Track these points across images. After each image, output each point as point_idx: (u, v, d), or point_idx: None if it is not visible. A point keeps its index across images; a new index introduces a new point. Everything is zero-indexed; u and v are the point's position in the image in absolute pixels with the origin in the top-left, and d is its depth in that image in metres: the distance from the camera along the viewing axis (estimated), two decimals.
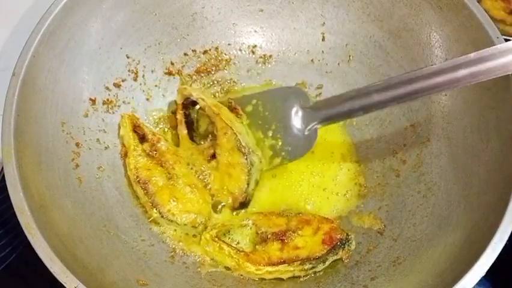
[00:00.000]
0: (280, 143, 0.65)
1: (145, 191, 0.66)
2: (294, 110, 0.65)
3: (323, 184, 0.72)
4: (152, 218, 0.65)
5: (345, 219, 0.69)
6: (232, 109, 0.71)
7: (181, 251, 0.66)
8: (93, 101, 0.68)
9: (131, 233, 0.64)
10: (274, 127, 0.66)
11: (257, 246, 0.64)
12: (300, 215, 0.67)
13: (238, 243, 0.65)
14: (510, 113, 0.59)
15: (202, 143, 0.71)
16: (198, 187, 0.68)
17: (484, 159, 0.61)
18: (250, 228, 0.66)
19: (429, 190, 0.66)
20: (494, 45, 0.60)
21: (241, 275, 0.64)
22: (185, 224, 0.66)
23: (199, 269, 0.64)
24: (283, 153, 0.65)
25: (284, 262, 0.62)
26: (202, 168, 0.69)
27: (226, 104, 0.72)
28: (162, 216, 0.65)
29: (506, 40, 0.61)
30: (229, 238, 0.65)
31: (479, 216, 0.57)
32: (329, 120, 0.64)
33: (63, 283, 0.49)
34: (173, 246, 0.66)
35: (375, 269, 0.62)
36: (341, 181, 0.72)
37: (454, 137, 0.66)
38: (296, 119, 0.65)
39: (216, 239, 0.64)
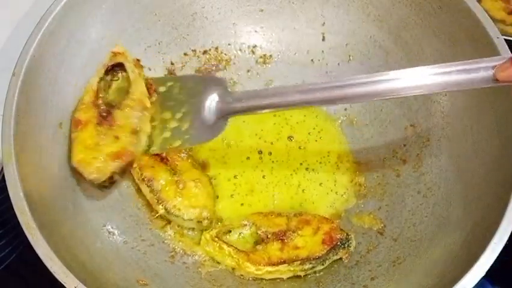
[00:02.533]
0: (186, 127, 0.63)
1: (150, 188, 0.66)
2: (210, 97, 0.63)
3: (318, 179, 0.72)
4: (158, 214, 0.66)
5: (345, 219, 0.69)
6: (147, 86, 0.68)
7: (181, 251, 0.66)
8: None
9: (131, 233, 0.64)
10: (185, 110, 0.64)
11: (257, 246, 0.64)
12: (300, 215, 0.67)
13: (238, 243, 0.65)
14: (510, 113, 0.59)
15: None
16: (202, 182, 0.68)
17: (484, 159, 0.61)
18: (250, 228, 0.66)
19: (429, 190, 0.66)
20: (494, 45, 0.60)
21: (241, 275, 0.64)
22: (190, 219, 0.66)
23: (199, 269, 0.64)
24: (186, 137, 0.63)
25: (284, 262, 0.62)
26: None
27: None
28: (168, 212, 0.66)
29: (506, 40, 0.61)
30: (229, 238, 0.65)
31: (479, 216, 0.57)
32: (242, 112, 0.63)
33: (63, 283, 0.49)
34: (173, 246, 0.66)
35: (375, 269, 0.62)
36: (338, 180, 0.72)
37: (454, 137, 0.66)
38: (210, 107, 0.63)
39: (216, 239, 0.64)
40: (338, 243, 0.64)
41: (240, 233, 0.66)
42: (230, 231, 0.65)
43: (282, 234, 0.64)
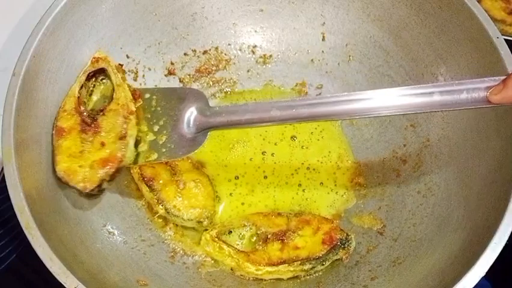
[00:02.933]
0: (163, 140, 0.63)
1: (150, 189, 0.66)
2: (189, 110, 0.63)
3: (318, 179, 0.72)
4: (158, 214, 0.66)
5: (345, 219, 0.69)
6: (131, 92, 0.67)
7: (181, 251, 0.66)
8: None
9: (131, 233, 0.64)
10: (163, 123, 0.64)
11: (257, 246, 0.64)
12: (300, 215, 0.67)
13: (238, 243, 0.65)
14: (510, 112, 0.59)
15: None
16: (202, 182, 0.68)
17: (484, 159, 0.61)
18: (250, 228, 0.66)
19: (429, 190, 0.66)
20: (494, 45, 0.60)
21: (241, 275, 0.64)
22: (190, 219, 0.66)
23: (199, 269, 0.64)
24: (163, 150, 0.62)
25: (284, 262, 0.62)
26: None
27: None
28: (168, 212, 0.66)
29: (506, 40, 0.61)
30: (229, 238, 0.65)
31: (479, 216, 0.57)
32: (221, 127, 0.63)
33: (63, 283, 0.49)
34: (173, 246, 0.66)
35: (375, 269, 0.62)
36: (339, 179, 0.72)
37: (454, 137, 0.66)
38: (188, 120, 0.63)
39: (216, 239, 0.64)
40: (338, 243, 0.64)
41: (240, 233, 0.66)
42: (230, 232, 0.65)
43: (282, 235, 0.64)
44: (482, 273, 0.50)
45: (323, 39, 0.78)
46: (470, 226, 0.57)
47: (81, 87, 0.64)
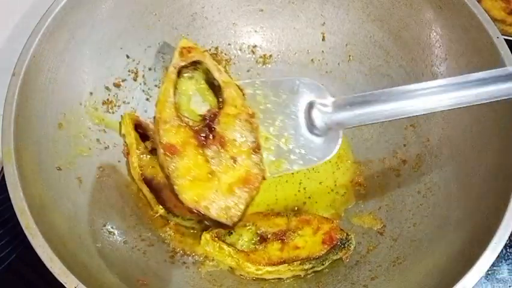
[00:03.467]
0: (289, 145, 0.53)
1: (151, 188, 0.66)
2: (307, 105, 0.54)
3: (318, 179, 0.72)
4: (158, 214, 0.66)
5: (345, 219, 0.69)
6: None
7: (181, 251, 0.66)
8: (93, 101, 0.68)
9: (131, 233, 0.64)
10: (280, 123, 0.53)
11: (257, 246, 0.64)
12: (300, 214, 0.67)
13: (238, 243, 0.65)
14: (510, 113, 0.59)
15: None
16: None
17: (484, 159, 0.61)
18: (250, 228, 0.66)
19: (429, 190, 0.66)
20: (494, 45, 0.60)
21: (241, 275, 0.64)
22: (190, 219, 0.66)
23: (199, 269, 0.64)
24: (293, 157, 0.53)
25: (284, 262, 0.62)
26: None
27: None
28: (168, 212, 0.66)
29: (506, 40, 0.61)
30: (229, 238, 0.65)
31: (479, 216, 0.57)
32: (350, 124, 0.53)
33: (63, 283, 0.49)
34: (173, 246, 0.66)
35: (375, 269, 0.62)
36: (339, 179, 0.72)
37: (454, 137, 0.66)
38: (311, 118, 0.53)
39: (216, 239, 0.64)
40: (338, 243, 0.64)
41: (240, 233, 0.66)
42: (230, 232, 0.65)
43: (282, 234, 0.64)
44: (482, 273, 0.50)
45: (323, 39, 0.78)
46: (470, 226, 0.57)
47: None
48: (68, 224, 0.58)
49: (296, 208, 0.70)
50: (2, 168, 0.55)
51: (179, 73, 0.52)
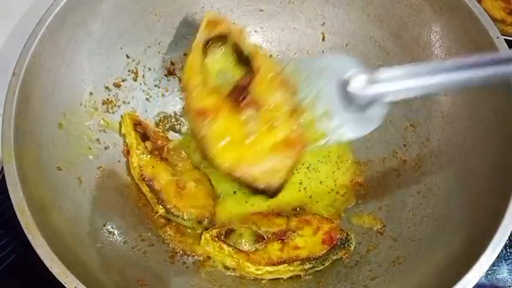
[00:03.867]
0: (327, 119, 0.51)
1: (150, 188, 0.66)
2: (341, 82, 0.51)
3: (318, 178, 0.72)
4: (158, 214, 0.66)
5: (345, 219, 0.69)
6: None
7: (181, 251, 0.66)
8: (93, 101, 0.69)
9: (131, 233, 0.64)
10: (314, 98, 0.51)
11: (257, 246, 0.64)
12: (300, 215, 0.67)
13: (238, 242, 0.65)
14: (510, 113, 0.59)
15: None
16: (202, 182, 0.69)
17: (484, 159, 0.61)
18: (250, 228, 0.66)
19: (429, 190, 0.66)
20: (494, 45, 0.60)
21: (241, 275, 0.64)
22: (190, 219, 0.66)
23: (199, 269, 0.64)
24: (332, 128, 0.51)
25: (284, 262, 0.62)
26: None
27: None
28: (168, 212, 0.66)
29: (506, 40, 0.61)
30: (229, 238, 0.65)
31: (479, 216, 0.57)
32: (391, 96, 0.51)
33: (63, 283, 0.49)
34: (173, 246, 0.66)
35: (375, 269, 0.62)
36: (339, 179, 0.72)
37: (454, 137, 0.66)
38: (346, 95, 0.51)
39: (216, 238, 0.64)
40: (338, 243, 0.64)
41: (240, 233, 0.66)
42: (230, 232, 0.65)
43: (282, 234, 0.64)
44: (482, 273, 0.50)
45: (323, 39, 0.78)
46: (470, 226, 0.57)
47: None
48: (68, 224, 0.58)
49: (298, 208, 0.70)
50: (2, 168, 0.55)
51: (206, 47, 0.51)
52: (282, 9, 0.78)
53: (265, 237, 0.64)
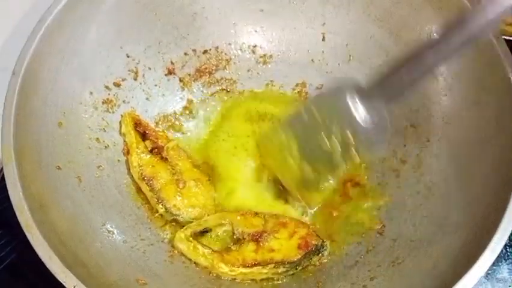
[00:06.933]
0: (352, 141, 0.58)
1: (150, 187, 0.66)
2: (350, 101, 0.57)
3: None
4: (158, 213, 0.66)
5: (344, 219, 0.69)
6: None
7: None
8: (93, 100, 0.69)
9: (130, 233, 0.64)
10: (336, 128, 0.58)
11: (232, 247, 0.63)
12: (277, 217, 0.67)
13: (212, 242, 0.64)
14: (510, 113, 0.58)
15: None
16: (202, 181, 0.69)
17: (484, 159, 0.61)
18: (227, 227, 0.65)
19: (429, 190, 0.66)
20: (495, 45, 0.60)
21: (217, 275, 0.63)
22: (190, 219, 0.66)
23: (198, 269, 0.64)
24: (360, 148, 0.58)
25: (258, 264, 0.61)
26: None
27: None
28: (167, 211, 0.66)
29: (506, 40, 0.61)
30: (205, 237, 0.65)
31: (479, 216, 0.57)
32: (390, 99, 0.56)
33: (62, 282, 0.49)
34: (173, 245, 0.66)
35: (375, 269, 0.62)
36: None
37: (454, 137, 0.66)
38: (360, 114, 0.57)
39: (191, 238, 0.63)
40: (313, 248, 0.63)
41: (216, 233, 0.65)
42: (205, 231, 0.64)
43: (258, 236, 0.63)
44: (482, 273, 0.50)
45: (323, 39, 0.78)
46: (470, 226, 0.57)
47: None
48: (67, 223, 0.58)
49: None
50: (2, 168, 0.55)
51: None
52: (283, 9, 0.78)
53: (241, 238, 0.64)
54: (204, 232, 0.65)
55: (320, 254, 0.64)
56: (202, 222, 0.66)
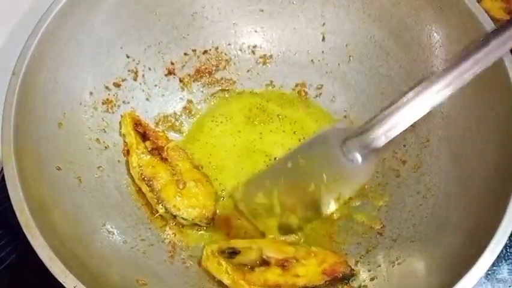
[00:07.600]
0: (340, 180, 0.65)
1: (150, 188, 0.66)
2: (339, 148, 0.64)
3: None
4: (158, 213, 0.66)
5: (344, 219, 0.69)
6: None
7: (180, 251, 0.66)
8: (93, 101, 0.69)
9: (130, 233, 0.64)
10: (326, 176, 0.65)
11: (256, 269, 0.62)
12: (310, 247, 0.65)
13: (239, 261, 0.63)
14: (510, 112, 0.58)
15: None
16: (202, 182, 0.69)
17: (484, 159, 0.61)
18: (254, 251, 0.63)
19: (429, 190, 0.66)
20: None
21: None
22: (190, 219, 0.66)
23: (198, 269, 0.64)
24: (348, 187, 0.66)
25: (280, 287, 0.60)
26: None
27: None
28: (167, 212, 0.66)
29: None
30: (233, 257, 0.63)
31: (479, 216, 0.57)
32: (378, 145, 0.62)
33: (62, 283, 0.49)
34: (173, 246, 0.66)
35: (375, 269, 0.62)
36: None
37: (454, 137, 0.66)
38: (347, 155, 0.64)
39: (216, 254, 0.62)
40: (340, 275, 0.61)
41: (244, 254, 0.63)
42: (234, 252, 0.63)
43: (285, 261, 0.62)
44: (482, 273, 0.50)
45: (323, 39, 0.78)
46: (470, 226, 0.57)
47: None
48: (67, 224, 0.58)
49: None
50: (2, 168, 0.55)
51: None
52: (282, 10, 0.78)
53: (269, 262, 0.62)
54: (234, 253, 0.64)
55: (349, 284, 0.62)
56: (231, 242, 0.65)
